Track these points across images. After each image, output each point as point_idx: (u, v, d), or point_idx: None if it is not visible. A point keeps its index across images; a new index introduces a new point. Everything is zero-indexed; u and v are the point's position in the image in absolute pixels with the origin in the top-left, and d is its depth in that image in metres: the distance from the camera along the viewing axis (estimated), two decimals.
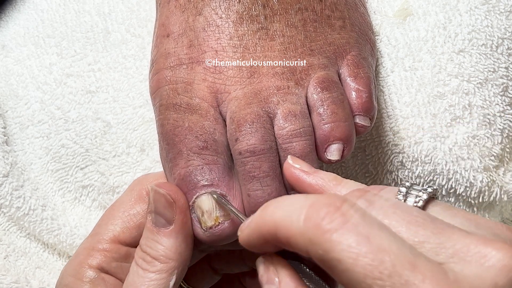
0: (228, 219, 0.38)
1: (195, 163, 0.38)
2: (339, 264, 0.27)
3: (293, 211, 0.29)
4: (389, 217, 0.29)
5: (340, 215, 0.27)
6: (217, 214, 0.37)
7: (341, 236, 0.27)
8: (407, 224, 0.28)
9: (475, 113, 0.46)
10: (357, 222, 0.27)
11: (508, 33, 0.47)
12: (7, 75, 0.53)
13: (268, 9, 0.41)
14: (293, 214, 0.29)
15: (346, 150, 0.39)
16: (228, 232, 0.38)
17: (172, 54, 0.41)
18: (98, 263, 0.39)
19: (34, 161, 0.52)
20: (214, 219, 0.37)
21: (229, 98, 0.40)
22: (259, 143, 0.38)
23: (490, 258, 0.26)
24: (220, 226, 0.38)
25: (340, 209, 0.28)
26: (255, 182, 0.38)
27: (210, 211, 0.38)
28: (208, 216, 0.38)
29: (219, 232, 0.38)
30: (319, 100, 0.40)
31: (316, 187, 0.36)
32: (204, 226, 0.38)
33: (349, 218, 0.27)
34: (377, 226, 0.27)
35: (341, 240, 0.27)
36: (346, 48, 0.42)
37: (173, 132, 0.39)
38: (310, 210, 0.28)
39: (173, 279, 0.37)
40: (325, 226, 0.27)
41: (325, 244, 0.27)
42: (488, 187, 0.46)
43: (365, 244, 0.26)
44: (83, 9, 0.53)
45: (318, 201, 0.28)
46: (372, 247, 0.26)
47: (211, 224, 0.38)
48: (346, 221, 0.27)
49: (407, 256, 0.26)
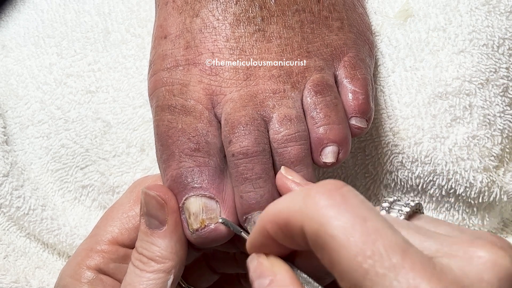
0: (215, 222, 0.38)
1: (186, 165, 0.38)
2: (332, 240, 0.26)
3: (294, 196, 0.29)
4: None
5: (340, 194, 0.27)
6: (203, 217, 0.38)
7: (338, 212, 0.27)
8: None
9: (475, 114, 0.46)
10: (355, 203, 0.27)
11: (508, 34, 0.47)
12: (7, 75, 0.53)
13: (265, 11, 0.41)
14: (294, 198, 0.29)
15: (341, 153, 0.39)
16: (215, 235, 0.38)
17: (169, 55, 0.41)
18: (96, 264, 0.39)
19: (34, 161, 0.52)
20: (200, 221, 0.38)
21: (225, 100, 0.40)
22: (252, 145, 0.38)
23: (476, 255, 0.26)
24: (206, 228, 0.38)
25: (340, 189, 0.28)
26: (247, 184, 0.38)
27: (196, 213, 0.38)
28: (194, 219, 0.38)
29: (205, 234, 0.38)
30: (312, 104, 0.40)
31: None
32: (190, 228, 0.38)
33: (348, 199, 0.27)
34: (375, 212, 0.27)
35: (338, 217, 0.27)
36: (344, 49, 0.42)
37: (167, 133, 0.40)
38: (311, 190, 0.28)
39: (171, 278, 0.37)
40: (323, 201, 0.27)
41: (322, 219, 0.27)
42: (488, 188, 0.46)
43: (360, 224, 0.26)
44: (83, 9, 0.53)
45: (319, 184, 0.28)
46: (367, 228, 0.26)
47: (197, 227, 0.38)
48: (345, 201, 0.27)
49: (400, 243, 0.26)
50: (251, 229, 0.38)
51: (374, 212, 0.27)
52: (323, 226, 0.27)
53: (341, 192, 0.27)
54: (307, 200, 0.28)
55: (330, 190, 0.28)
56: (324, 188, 0.28)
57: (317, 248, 0.27)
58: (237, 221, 0.39)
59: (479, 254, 0.26)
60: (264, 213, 0.30)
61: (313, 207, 0.27)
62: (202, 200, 0.38)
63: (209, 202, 0.38)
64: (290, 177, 0.37)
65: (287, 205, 0.29)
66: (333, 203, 0.27)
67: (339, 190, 0.28)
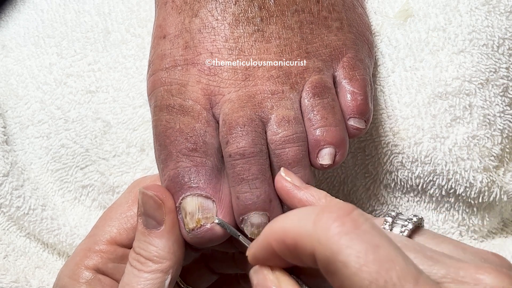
0: (211, 221, 0.38)
1: (183, 165, 0.38)
2: (345, 268, 0.27)
3: (302, 216, 0.29)
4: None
5: (351, 220, 0.27)
6: (199, 217, 0.38)
7: (351, 240, 0.27)
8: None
9: (475, 114, 0.46)
10: (367, 229, 0.27)
11: (508, 34, 0.47)
12: (7, 75, 0.53)
13: (264, 11, 0.41)
14: (302, 218, 0.29)
15: (338, 155, 0.39)
16: (211, 235, 0.38)
17: (168, 55, 0.41)
18: (94, 264, 0.39)
19: (34, 161, 0.52)
20: (196, 221, 0.38)
21: (223, 100, 0.40)
22: (249, 146, 0.38)
23: (483, 282, 0.27)
24: (202, 228, 0.38)
25: (351, 214, 0.28)
26: (244, 184, 0.38)
27: (192, 213, 0.38)
28: (190, 218, 0.38)
29: (201, 234, 0.38)
30: (310, 106, 0.40)
31: (305, 204, 0.37)
32: (187, 228, 0.38)
33: (359, 225, 0.27)
34: (386, 238, 0.27)
35: (350, 244, 0.27)
36: (343, 50, 0.42)
37: (165, 133, 0.40)
38: (321, 213, 0.28)
39: (169, 278, 0.37)
40: (335, 229, 0.27)
41: (333, 246, 0.27)
42: (488, 188, 0.46)
43: (373, 252, 0.26)
44: (83, 9, 0.53)
45: (329, 206, 0.28)
46: (380, 256, 0.26)
47: (193, 226, 0.38)
48: (357, 227, 0.27)
49: (412, 270, 0.26)
50: (248, 230, 0.38)
51: (385, 238, 0.27)
52: (336, 254, 0.27)
53: (352, 218, 0.27)
54: (318, 226, 0.28)
55: (340, 215, 0.28)
56: (335, 214, 0.28)
57: (328, 274, 0.28)
58: (234, 221, 0.39)
59: (486, 282, 0.27)
60: (269, 229, 0.30)
61: (324, 234, 0.27)
62: (198, 200, 0.38)
63: (205, 201, 0.38)
64: (289, 179, 0.37)
65: (295, 226, 0.29)
66: (345, 230, 0.27)
67: (350, 215, 0.28)
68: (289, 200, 0.37)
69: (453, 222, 0.48)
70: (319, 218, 0.28)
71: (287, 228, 0.29)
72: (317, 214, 0.28)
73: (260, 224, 0.38)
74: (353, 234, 0.27)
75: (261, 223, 0.38)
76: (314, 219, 0.28)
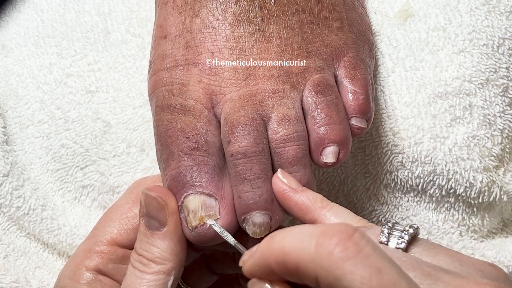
0: (214, 219, 0.38)
1: (185, 164, 0.38)
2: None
3: (303, 238, 0.29)
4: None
5: (353, 244, 0.27)
6: (202, 214, 0.38)
7: (354, 265, 0.27)
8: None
9: (475, 114, 0.46)
10: (369, 253, 0.27)
11: (508, 33, 0.47)
12: (7, 75, 0.53)
13: (265, 11, 0.41)
14: (303, 240, 0.28)
15: (342, 153, 0.39)
16: (214, 232, 0.38)
17: (168, 55, 0.41)
18: (95, 265, 0.39)
19: (34, 161, 0.52)
20: (199, 218, 0.38)
21: (224, 100, 0.40)
22: (251, 146, 0.38)
23: None
24: (205, 226, 0.38)
25: (352, 237, 0.28)
26: (246, 183, 0.38)
27: (195, 210, 0.38)
28: (193, 216, 0.38)
29: (204, 232, 0.38)
30: (313, 103, 0.40)
31: (301, 207, 0.37)
32: (189, 226, 0.38)
33: (361, 248, 0.27)
34: (388, 260, 0.27)
35: (354, 270, 0.27)
36: (343, 49, 0.42)
37: (166, 133, 0.40)
38: (322, 236, 0.28)
39: (171, 280, 0.37)
40: (338, 254, 0.27)
41: (337, 272, 0.27)
42: (488, 188, 0.46)
43: (376, 276, 0.26)
44: (83, 9, 0.53)
45: (329, 228, 0.28)
46: (383, 280, 0.26)
47: (196, 224, 0.38)
48: (359, 251, 0.27)
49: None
50: (249, 229, 0.38)
51: (387, 260, 0.27)
52: (340, 280, 0.27)
53: (354, 241, 0.27)
54: (320, 250, 0.28)
55: (342, 240, 0.27)
56: (337, 238, 0.28)
57: None
58: (236, 220, 0.39)
59: None
60: (267, 249, 0.30)
61: (327, 259, 0.27)
62: (201, 198, 0.38)
63: (207, 199, 0.38)
64: (286, 181, 0.37)
65: (297, 248, 0.29)
66: (347, 254, 0.27)
67: (352, 239, 0.28)
68: (285, 203, 0.38)
69: (453, 222, 0.48)
70: (320, 243, 0.28)
71: (287, 250, 0.29)
72: (317, 238, 0.28)
73: (262, 223, 0.38)
74: (356, 259, 0.27)
75: (263, 222, 0.38)
76: (316, 243, 0.28)
